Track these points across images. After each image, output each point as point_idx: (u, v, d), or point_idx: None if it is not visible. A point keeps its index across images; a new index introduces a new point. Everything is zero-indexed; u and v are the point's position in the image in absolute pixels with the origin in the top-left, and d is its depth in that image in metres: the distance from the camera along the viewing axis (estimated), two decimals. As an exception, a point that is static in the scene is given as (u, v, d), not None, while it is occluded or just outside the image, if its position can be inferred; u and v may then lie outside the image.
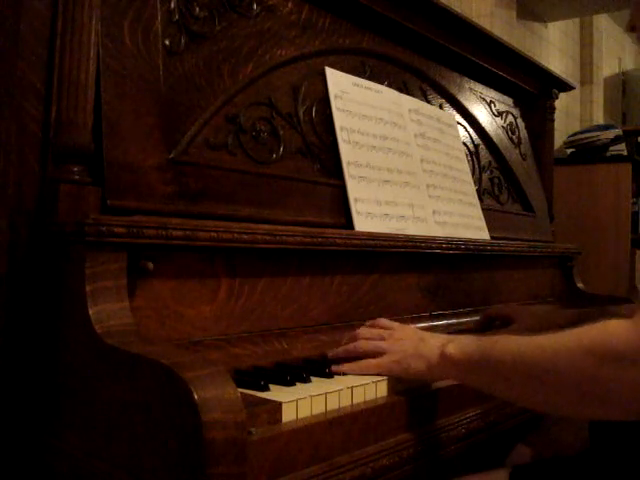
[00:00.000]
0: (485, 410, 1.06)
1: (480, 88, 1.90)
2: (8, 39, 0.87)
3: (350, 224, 1.23)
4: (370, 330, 1.02)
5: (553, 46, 4.16)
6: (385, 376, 0.93)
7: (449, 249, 1.39)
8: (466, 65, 1.79)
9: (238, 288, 0.99)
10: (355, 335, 1.02)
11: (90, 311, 0.77)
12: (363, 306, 1.21)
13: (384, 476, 0.84)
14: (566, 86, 2.19)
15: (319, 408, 0.80)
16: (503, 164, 1.92)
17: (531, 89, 2.07)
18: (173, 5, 1.05)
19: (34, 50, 0.88)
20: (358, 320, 1.17)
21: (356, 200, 1.25)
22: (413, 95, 1.58)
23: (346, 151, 1.27)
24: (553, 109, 2.16)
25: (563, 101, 4.01)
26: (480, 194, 1.75)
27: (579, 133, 3.83)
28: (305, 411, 0.78)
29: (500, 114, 1.97)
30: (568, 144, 3.82)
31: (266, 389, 0.81)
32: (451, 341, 0.90)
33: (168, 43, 1.03)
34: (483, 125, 1.85)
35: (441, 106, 1.71)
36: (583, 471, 1.02)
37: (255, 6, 1.19)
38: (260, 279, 1.02)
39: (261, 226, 1.00)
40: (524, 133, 2.09)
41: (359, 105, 1.36)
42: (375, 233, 1.22)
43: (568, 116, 4.28)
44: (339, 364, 0.95)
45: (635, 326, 0.69)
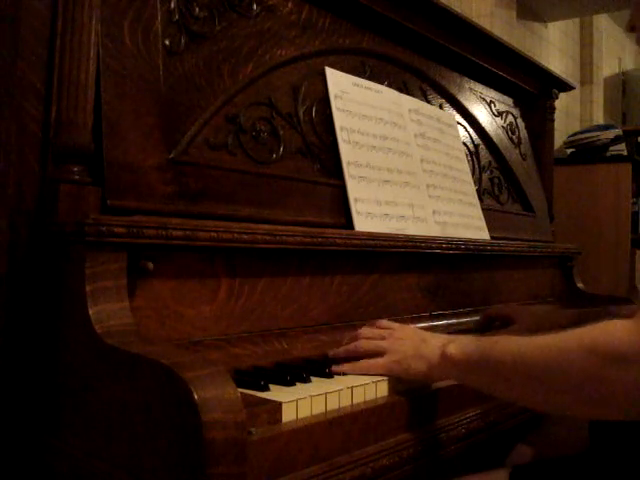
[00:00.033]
0: (485, 410, 1.06)
1: (480, 88, 1.90)
2: (8, 39, 0.87)
3: (350, 224, 1.23)
4: (371, 330, 1.02)
5: (553, 46, 4.16)
6: (385, 376, 0.92)
7: (449, 249, 1.39)
8: (466, 65, 1.79)
9: (238, 288, 0.99)
10: (356, 335, 1.02)
11: (90, 311, 0.78)
12: (363, 306, 1.21)
13: (384, 476, 0.84)
14: (566, 86, 2.19)
15: (319, 408, 0.80)
16: (503, 164, 1.92)
17: (531, 89, 2.07)
18: (173, 5, 1.05)
19: (34, 50, 0.88)
20: (358, 320, 1.17)
21: (356, 200, 1.25)
22: (413, 95, 1.58)
23: (346, 151, 1.27)
24: (553, 109, 2.16)
25: (563, 101, 4.01)
26: (480, 194, 1.75)
27: (579, 133, 3.83)
28: (305, 411, 0.78)
29: (500, 114, 1.97)
30: (568, 144, 3.82)
31: (266, 389, 0.81)
32: (452, 341, 0.89)
33: (168, 43, 1.03)
34: (483, 125, 1.85)
35: (441, 106, 1.71)
36: (583, 471, 1.02)
37: (255, 6, 1.19)
38: (260, 279, 1.02)
39: (261, 226, 1.00)
40: (524, 133, 2.09)
41: (359, 105, 1.36)
42: (375, 233, 1.22)
43: (568, 116, 4.28)
44: (340, 364, 0.95)
45: (636, 327, 0.69)
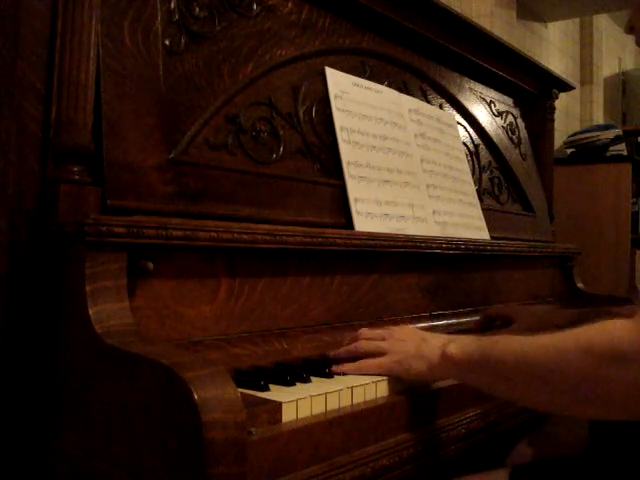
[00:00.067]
0: (485, 410, 1.06)
1: (480, 88, 1.90)
2: (8, 39, 0.87)
3: (350, 224, 1.23)
4: (371, 331, 1.02)
5: (553, 46, 4.16)
6: (386, 376, 0.92)
7: (449, 249, 1.39)
8: (466, 65, 1.79)
9: (238, 288, 0.99)
10: (356, 336, 1.02)
11: (90, 311, 0.78)
12: (363, 306, 1.21)
13: (384, 476, 0.84)
14: (566, 86, 2.19)
15: (319, 408, 0.80)
16: (503, 164, 1.92)
17: (531, 89, 2.07)
18: (173, 5, 1.05)
19: (34, 50, 0.88)
20: (358, 320, 1.17)
21: (356, 200, 1.25)
22: (413, 95, 1.58)
23: (346, 151, 1.27)
24: (553, 109, 2.16)
25: (563, 101, 4.01)
26: (480, 194, 1.75)
27: (579, 133, 3.83)
28: (305, 411, 0.78)
29: (500, 114, 1.97)
30: (568, 144, 3.82)
31: (266, 389, 0.81)
32: (452, 341, 0.89)
33: (168, 43, 1.03)
34: (483, 125, 1.85)
35: (441, 106, 1.71)
36: (583, 471, 1.02)
37: (255, 6, 1.19)
38: (260, 279, 1.02)
39: (261, 226, 1.00)
40: (524, 133, 2.09)
41: (359, 105, 1.36)
42: (375, 233, 1.22)
43: (568, 116, 4.28)
44: (340, 364, 0.95)
45: (636, 326, 0.69)
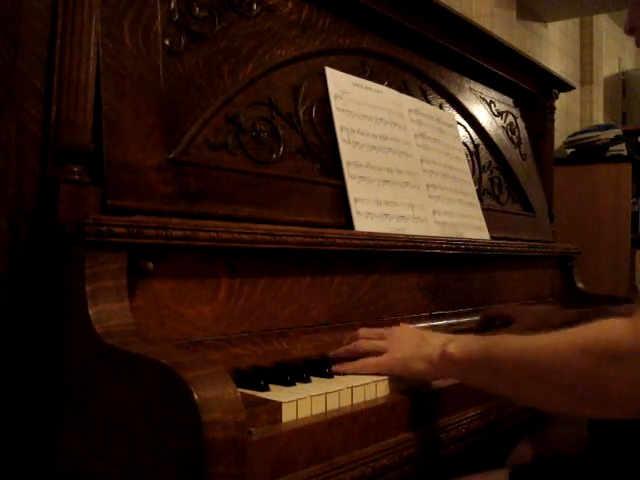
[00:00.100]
0: (485, 410, 1.06)
1: (480, 88, 1.90)
2: (8, 39, 0.87)
3: (350, 224, 1.23)
4: (371, 330, 1.03)
5: (553, 46, 4.16)
6: (385, 376, 0.93)
7: (449, 249, 1.39)
8: (466, 65, 1.79)
9: (238, 288, 0.99)
10: (355, 335, 1.02)
11: (90, 311, 0.77)
12: (363, 306, 1.21)
13: (384, 476, 0.84)
14: (566, 86, 2.19)
15: (319, 408, 0.80)
16: (503, 164, 1.92)
17: (531, 89, 2.07)
18: (173, 5, 1.05)
19: (34, 50, 0.88)
20: (358, 320, 1.17)
21: (356, 200, 1.25)
22: (413, 95, 1.58)
23: (346, 151, 1.27)
24: (553, 109, 2.16)
25: (563, 101, 4.01)
26: (480, 194, 1.75)
27: (579, 133, 3.83)
28: (305, 411, 0.78)
29: (500, 114, 1.97)
30: (568, 144, 3.82)
31: (266, 389, 0.81)
32: (452, 340, 0.90)
33: (168, 43, 1.03)
34: (483, 125, 1.85)
35: (441, 106, 1.71)
36: (583, 471, 1.02)
37: (255, 6, 1.19)
38: (260, 279, 1.02)
39: (261, 226, 1.00)
40: (524, 133, 2.09)
41: (359, 105, 1.36)
42: (375, 233, 1.22)
43: (568, 116, 4.28)
44: (340, 364, 0.95)
45: (633, 325, 0.69)
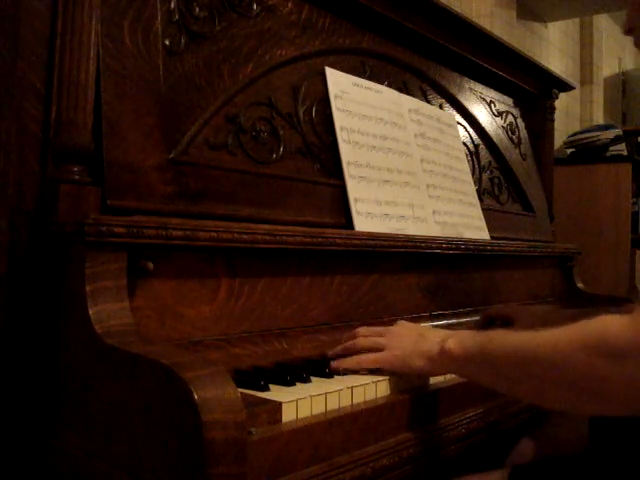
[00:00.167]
0: (485, 410, 1.06)
1: (480, 88, 1.90)
2: (8, 39, 0.87)
3: (350, 224, 1.23)
4: (369, 328, 1.03)
5: (553, 46, 4.16)
6: (385, 374, 0.93)
7: (449, 249, 1.39)
8: (466, 65, 1.79)
9: (238, 288, 0.99)
10: (353, 333, 1.02)
11: (90, 311, 0.77)
12: (363, 306, 1.21)
13: (384, 476, 0.84)
14: (566, 86, 2.19)
15: (319, 408, 0.80)
16: (503, 164, 1.92)
17: (531, 89, 2.07)
18: (173, 5, 1.05)
19: (34, 50, 0.88)
20: (358, 320, 1.17)
21: (356, 200, 1.25)
22: (413, 95, 1.58)
23: (346, 151, 1.27)
24: (553, 109, 2.16)
25: (563, 101, 4.01)
26: (480, 194, 1.75)
27: (579, 133, 3.83)
28: (305, 411, 0.78)
29: (500, 114, 1.97)
30: (568, 144, 3.82)
31: (266, 389, 0.81)
32: (450, 336, 0.90)
33: (168, 43, 1.03)
34: (483, 125, 1.85)
35: (441, 106, 1.71)
36: (583, 471, 1.02)
37: (255, 6, 1.19)
38: (260, 279, 1.02)
39: (261, 226, 1.00)
40: (524, 133, 2.09)
41: (359, 105, 1.36)
42: (375, 233, 1.22)
43: (568, 116, 4.28)
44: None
45: (632, 322, 0.69)
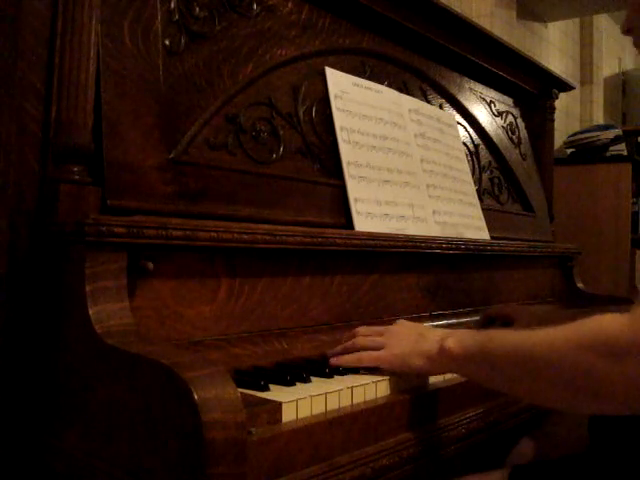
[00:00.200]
0: (485, 410, 1.06)
1: (480, 88, 1.90)
2: (8, 39, 0.87)
3: (350, 224, 1.23)
4: (369, 327, 1.03)
5: (553, 46, 4.16)
6: (385, 373, 0.93)
7: (449, 249, 1.39)
8: (466, 65, 1.79)
9: (238, 288, 0.99)
10: (353, 333, 1.02)
11: (90, 311, 0.77)
12: (363, 306, 1.21)
13: (384, 476, 0.84)
14: (566, 86, 2.19)
15: (319, 408, 0.80)
16: (503, 164, 1.92)
17: (531, 89, 2.07)
18: (173, 5, 1.05)
19: (34, 50, 0.88)
20: (358, 320, 1.17)
21: (356, 200, 1.25)
22: (413, 95, 1.58)
23: (346, 151, 1.27)
24: (553, 109, 2.16)
25: (563, 101, 4.01)
26: (480, 194, 1.75)
27: (579, 133, 3.83)
28: (305, 411, 0.78)
29: (500, 114, 1.97)
30: (568, 144, 3.82)
31: (266, 389, 0.81)
32: (450, 335, 0.90)
33: (168, 43, 1.03)
34: (483, 125, 1.85)
35: (441, 106, 1.71)
36: (583, 471, 1.02)
37: (255, 6, 1.19)
38: (260, 279, 1.02)
39: (261, 226, 1.00)
40: (524, 133, 2.09)
41: (359, 105, 1.36)
42: (375, 233, 1.22)
43: (568, 116, 4.28)
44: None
45: (630, 320, 0.69)
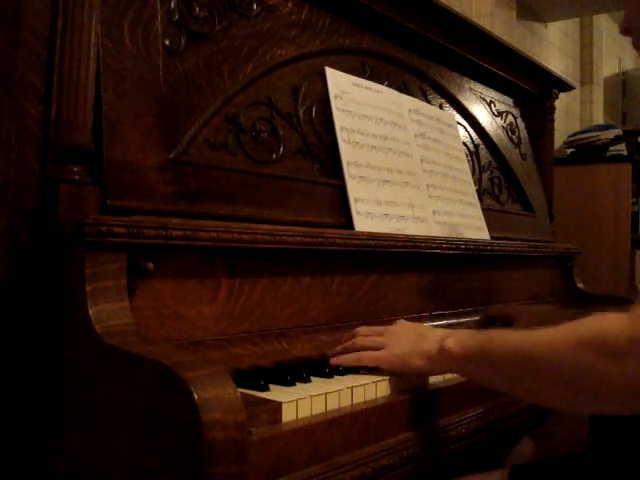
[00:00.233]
0: (485, 410, 1.06)
1: (480, 88, 1.90)
2: (8, 39, 0.87)
3: (350, 224, 1.23)
4: (369, 327, 1.03)
5: (553, 46, 4.16)
6: (384, 373, 0.93)
7: (449, 249, 1.39)
8: (466, 65, 1.79)
9: (238, 288, 0.99)
10: (353, 333, 1.02)
11: (90, 311, 0.77)
12: (363, 306, 1.21)
13: (384, 476, 0.84)
14: (566, 86, 2.19)
15: (319, 408, 0.80)
16: (503, 164, 1.92)
17: (531, 89, 2.07)
18: (173, 5, 1.05)
19: (34, 50, 0.88)
20: (358, 320, 1.17)
21: (356, 200, 1.25)
22: (413, 95, 1.58)
23: (346, 151, 1.27)
24: (553, 109, 2.16)
25: (563, 101, 4.01)
26: (480, 194, 1.75)
27: (579, 133, 3.83)
28: (305, 411, 0.78)
29: (500, 114, 1.97)
30: (568, 144, 3.82)
31: (266, 389, 0.81)
32: (450, 335, 0.90)
33: (168, 43, 1.03)
34: (483, 125, 1.85)
35: (441, 106, 1.71)
36: (583, 471, 1.02)
37: (255, 6, 1.19)
38: (260, 279, 1.02)
39: (261, 226, 1.00)
40: (524, 133, 2.09)
41: (359, 105, 1.36)
42: (375, 233, 1.22)
43: (568, 116, 4.28)
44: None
45: (630, 320, 0.69)
